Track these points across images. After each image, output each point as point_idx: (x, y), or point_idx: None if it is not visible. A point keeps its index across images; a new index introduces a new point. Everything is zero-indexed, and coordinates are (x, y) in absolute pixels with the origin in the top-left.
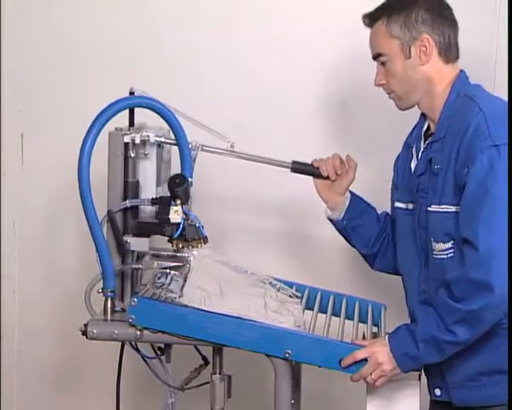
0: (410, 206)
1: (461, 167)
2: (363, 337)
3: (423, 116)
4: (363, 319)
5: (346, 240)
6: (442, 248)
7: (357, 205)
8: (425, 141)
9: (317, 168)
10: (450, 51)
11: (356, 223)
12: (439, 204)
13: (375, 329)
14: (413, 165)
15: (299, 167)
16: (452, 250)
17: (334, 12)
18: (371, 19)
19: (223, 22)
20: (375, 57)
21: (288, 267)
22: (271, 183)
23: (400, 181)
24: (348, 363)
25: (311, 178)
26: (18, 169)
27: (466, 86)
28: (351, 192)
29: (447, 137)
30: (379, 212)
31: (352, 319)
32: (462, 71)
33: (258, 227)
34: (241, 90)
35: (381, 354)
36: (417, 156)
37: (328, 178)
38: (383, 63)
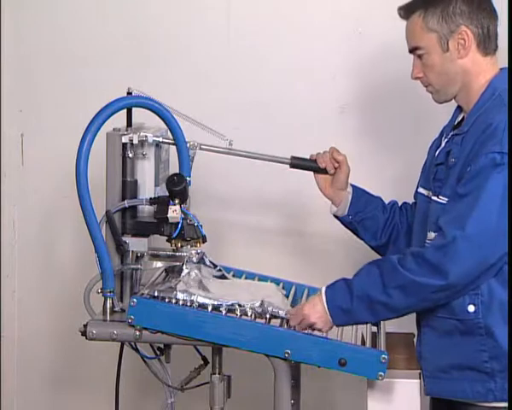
0: (431, 194)
1: (466, 164)
2: (362, 338)
3: (459, 108)
4: None
5: (355, 234)
6: (431, 238)
7: (361, 198)
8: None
9: (315, 162)
10: (488, 43)
11: (361, 216)
12: (440, 195)
13: (374, 329)
14: (437, 152)
15: (297, 163)
16: None
17: (335, 11)
18: (407, 11)
19: (222, 22)
20: (412, 50)
21: (288, 266)
22: (270, 181)
23: (428, 166)
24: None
25: (310, 174)
26: (18, 169)
27: (503, 85)
28: (353, 186)
29: (469, 132)
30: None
31: None
32: (503, 69)
33: (258, 226)
34: (240, 90)
35: (312, 312)
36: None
37: (326, 171)
38: (420, 56)
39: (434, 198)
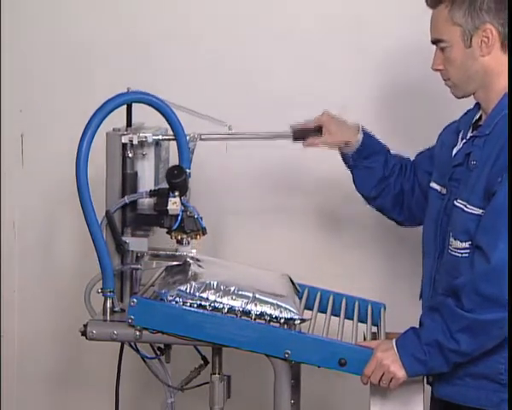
0: (444, 190)
1: (496, 173)
2: (364, 338)
3: (478, 105)
4: (362, 319)
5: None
6: (458, 247)
7: (367, 148)
8: (472, 132)
9: (317, 126)
10: None
11: (361, 164)
12: (467, 202)
13: (374, 329)
14: (454, 152)
15: (300, 134)
16: (468, 251)
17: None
18: (434, 0)
19: (222, 20)
20: (434, 42)
21: (290, 260)
22: (271, 173)
23: (438, 159)
24: (367, 381)
25: (313, 164)
26: (18, 169)
27: None
28: (364, 134)
29: (491, 136)
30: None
31: (352, 319)
32: None
33: (259, 218)
34: (241, 90)
35: (385, 357)
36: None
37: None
38: (442, 49)
39: (456, 203)
